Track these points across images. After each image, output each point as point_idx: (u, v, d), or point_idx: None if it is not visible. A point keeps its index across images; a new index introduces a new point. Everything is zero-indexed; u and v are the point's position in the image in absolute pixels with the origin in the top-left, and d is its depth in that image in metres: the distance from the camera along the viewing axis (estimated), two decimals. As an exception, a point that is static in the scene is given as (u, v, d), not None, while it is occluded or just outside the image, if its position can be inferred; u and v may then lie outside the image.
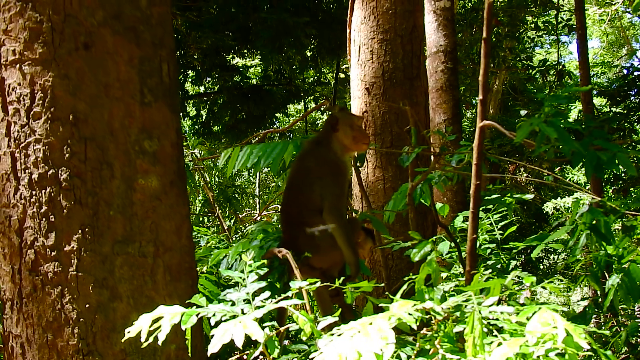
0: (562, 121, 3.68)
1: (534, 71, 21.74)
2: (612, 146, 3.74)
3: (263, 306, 3.26)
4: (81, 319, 3.50)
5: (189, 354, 3.60)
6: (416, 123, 5.57)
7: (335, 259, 5.01)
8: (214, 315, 3.20)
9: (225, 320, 2.98)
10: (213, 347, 2.78)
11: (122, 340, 3.22)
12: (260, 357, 3.23)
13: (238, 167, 5.58)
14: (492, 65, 19.02)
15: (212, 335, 2.83)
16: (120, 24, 3.69)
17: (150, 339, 2.89)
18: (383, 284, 5.84)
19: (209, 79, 20.30)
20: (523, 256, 18.97)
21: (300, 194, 4.96)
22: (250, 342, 3.37)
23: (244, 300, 3.47)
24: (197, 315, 3.08)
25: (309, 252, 4.75)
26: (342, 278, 3.76)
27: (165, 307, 3.01)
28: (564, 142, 3.64)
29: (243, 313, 3.26)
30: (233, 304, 3.44)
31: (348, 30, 8.64)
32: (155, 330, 2.91)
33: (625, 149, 3.76)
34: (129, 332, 2.92)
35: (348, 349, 2.46)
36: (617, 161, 3.73)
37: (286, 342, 5.95)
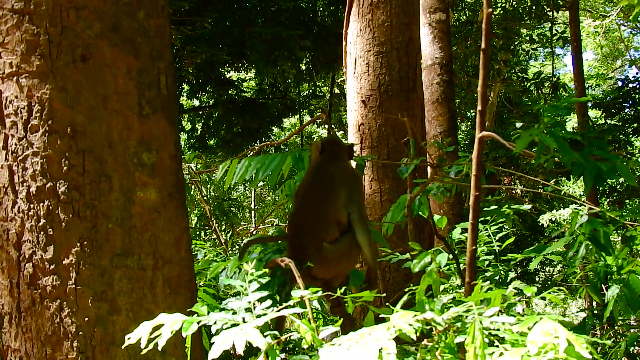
0: (562, 132, 3.68)
1: (529, 83, 21.79)
2: (612, 156, 3.75)
3: (265, 314, 3.25)
4: (80, 333, 3.49)
5: (188, 367, 3.59)
6: (414, 134, 5.57)
7: (339, 270, 4.99)
8: (215, 323, 3.18)
9: (226, 329, 2.97)
10: (214, 353, 2.77)
11: (122, 354, 3.21)
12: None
13: (236, 180, 5.57)
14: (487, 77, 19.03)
15: (213, 343, 2.82)
16: (118, 36, 3.68)
17: (150, 346, 2.87)
18: (383, 296, 5.83)
19: (203, 92, 20.32)
20: (519, 268, 18.99)
21: (322, 201, 4.91)
22: (249, 353, 3.37)
23: (246, 308, 3.46)
24: (198, 322, 3.06)
25: (316, 262, 4.73)
26: (343, 288, 3.75)
27: (166, 315, 3.00)
28: (564, 153, 3.64)
29: (244, 321, 3.25)
30: (234, 312, 3.43)
31: (344, 43, 8.65)
32: (155, 340, 2.90)
33: (624, 159, 3.77)
34: (129, 338, 2.91)
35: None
36: (617, 171, 3.73)
37: (282, 355, 5.93)
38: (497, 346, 2.73)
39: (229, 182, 5.66)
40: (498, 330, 2.85)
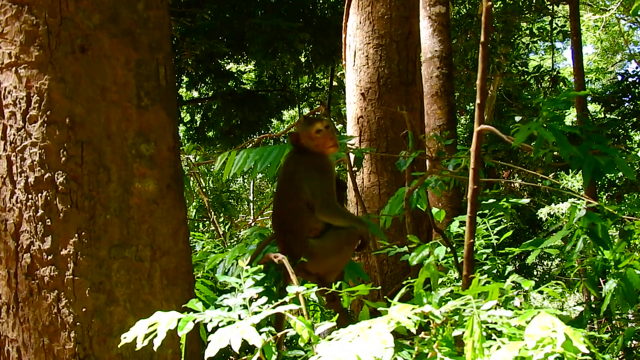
0: (561, 126, 3.68)
1: (529, 77, 21.76)
2: (611, 150, 3.75)
3: (260, 312, 3.25)
4: (78, 323, 3.49)
5: (185, 359, 3.58)
6: (413, 128, 5.57)
7: (330, 266, 4.97)
8: (210, 320, 3.18)
9: (222, 326, 2.97)
10: (210, 352, 2.77)
11: (119, 345, 3.21)
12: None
13: (234, 171, 5.55)
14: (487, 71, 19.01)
15: (209, 341, 2.82)
16: (117, 27, 3.68)
17: (146, 342, 2.88)
18: (378, 289, 5.83)
19: (203, 84, 20.27)
20: (517, 262, 18.99)
21: (290, 198, 4.92)
22: (246, 348, 3.36)
23: (241, 305, 3.46)
24: (193, 321, 3.06)
25: (304, 257, 4.72)
26: (339, 283, 3.74)
27: (161, 313, 3.00)
28: (562, 147, 3.63)
29: (240, 318, 3.25)
30: (230, 309, 3.43)
31: (343, 35, 8.64)
32: (152, 333, 2.90)
33: (623, 153, 3.76)
34: (125, 337, 2.91)
35: (347, 353, 2.45)
36: (615, 166, 3.72)
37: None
38: (495, 340, 2.73)
39: (227, 174, 5.65)
40: (496, 323, 2.85)
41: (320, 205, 4.86)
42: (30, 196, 3.54)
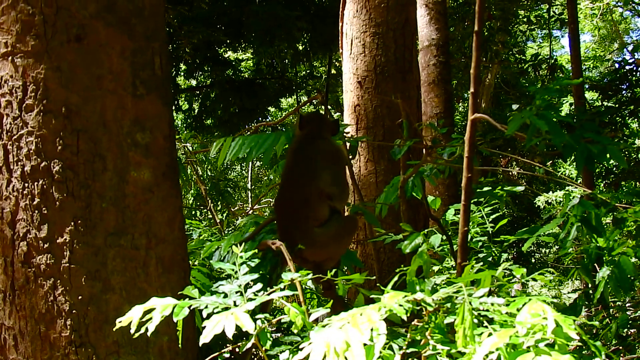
0: (554, 114, 3.69)
1: (526, 65, 21.77)
2: (603, 139, 3.76)
3: (255, 298, 3.27)
4: (74, 311, 3.51)
5: (181, 346, 3.60)
6: (408, 116, 5.58)
7: (329, 253, 4.99)
8: (206, 307, 3.21)
9: (217, 312, 2.99)
10: (205, 338, 2.79)
11: (115, 332, 3.23)
12: (252, 349, 3.24)
13: (230, 157, 5.57)
14: (484, 59, 19.03)
15: (204, 327, 2.84)
16: (113, 16, 3.69)
17: (142, 330, 2.90)
18: (375, 277, 5.85)
19: (201, 72, 20.26)
20: (514, 250, 19.01)
21: (303, 185, 4.91)
22: (242, 335, 3.39)
23: (236, 292, 3.48)
24: (189, 307, 3.08)
25: (305, 245, 4.73)
26: (334, 270, 3.76)
27: (157, 299, 3.02)
28: (555, 135, 3.65)
29: (235, 305, 3.27)
30: (225, 295, 3.45)
31: (340, 24, 8.63)
32: (147, 321, 2.92)
33: (616, 141, 3.77)
34: (120, 322, 2.93)
35: (336, 339, 2.47)
36: (607, 154, 3.74)
37: (277, 334, 5.96)
38: (486, 327, 2.76)
39: (222, 160, 5.66)
40: (487, 311, 2.88)
41: (341, 193, 4.90)
42: (26, 185, 3.55)
